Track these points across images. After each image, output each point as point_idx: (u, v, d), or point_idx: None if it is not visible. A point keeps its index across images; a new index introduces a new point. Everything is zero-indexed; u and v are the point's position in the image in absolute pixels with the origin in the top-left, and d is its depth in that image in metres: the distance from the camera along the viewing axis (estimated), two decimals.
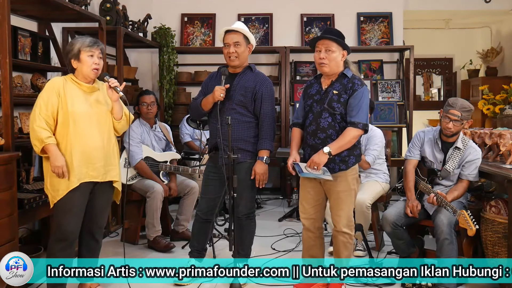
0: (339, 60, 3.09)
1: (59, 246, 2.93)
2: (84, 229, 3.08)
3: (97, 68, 3.00)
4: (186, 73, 6.57)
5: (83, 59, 2.96)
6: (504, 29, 7.95)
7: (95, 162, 2.98)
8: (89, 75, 3.00)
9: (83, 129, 2.95)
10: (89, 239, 3.14)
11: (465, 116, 3.38)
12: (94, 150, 2.98)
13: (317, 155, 3.01)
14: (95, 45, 3.00)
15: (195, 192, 4.45)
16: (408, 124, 6.38)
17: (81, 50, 2.96)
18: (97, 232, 3.16)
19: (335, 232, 3.19)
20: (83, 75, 3.00)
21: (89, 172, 2.97)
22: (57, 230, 2.94)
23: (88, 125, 2.97)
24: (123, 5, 5.40)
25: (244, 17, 6.64)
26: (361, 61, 6.65)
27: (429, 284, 3.27)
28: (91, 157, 2.97)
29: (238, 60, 3.36)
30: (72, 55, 2.97)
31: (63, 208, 2.91)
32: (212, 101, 3.36)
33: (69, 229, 2.93)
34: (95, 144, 2.99)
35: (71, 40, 3.14)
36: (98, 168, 3.00)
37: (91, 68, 2.97)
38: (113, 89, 3.02)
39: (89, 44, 2.98)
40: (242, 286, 3.30)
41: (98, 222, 3.14)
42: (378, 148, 4.12)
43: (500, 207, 3.31)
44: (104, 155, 3.03)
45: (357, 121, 3.02)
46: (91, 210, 3.08)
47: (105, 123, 3.06)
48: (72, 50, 2.97)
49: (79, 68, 2.98)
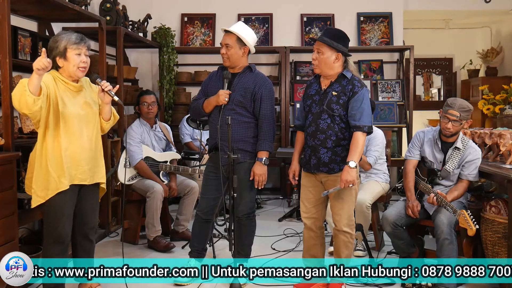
0: (330, 62, 3.06)
1: (57, 250, 2.90)
2: (77, 231, 3.04)
3: (84, 66, 2.87)
4: (186, 73, 6.57)
5: (69, 57, 2.82)
6: (504, 29, 7.95)
7: (83, 165, 2.93)
8: (76, 74, 2.87)
9: (73, 131, 2.87)
10: (82, 240, 3.10)
11: (464, 116, 3.38)
12: (83, 152, 2.92)
13: (347, 174, 2.97)
14: (82, 42, 2.85)
15: (195, 192, 4.45)
16: (408, 124, 6.38)
17: (67, 47, 2.81)
18: (90, 233, 3.12)
19: (336, 231, 3.19)
20: (69, 73, 2.86)
21: (78, 175, 2.91)
22: (52, 234, 2.89)
23: (78, 127, 2.90)
24: (123, 5, 5.40)
25: (244, 17, 6.64)
26: (361, 61, 6.66)
27: (429, 284, 3.27)
28: (80, 159, 2.91)
29: (229, 61, 3.36)
30: (58, 53, 2.81)
31: (56, 211, 2.86)
32: (215, 104, 3.36)
33: (64, 232, 2.90)
34: (84, 146, 2.92)
35: (54, 36, 2.90)
36: (85, 171, 2.95)
37: (78, 66, 2.84)
38: (106, 93, 2.92)
39: (75, 41, 2.82)
40: (242, 286, 3.30)
41: (90, 223, 3.10)
42: (379, 149, 4.12)
43: (500, 207, 3.31)
44: (91, 157, 2.98)
45: (362, 124, 3.02)
46: (81, 212, 3.03)
47: (93, 124, 3.00)
48: (57, 47, 2.81)
49: (65, 66, 2.84)
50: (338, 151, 3.10)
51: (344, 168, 3.00)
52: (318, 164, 3.13)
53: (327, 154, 3.10)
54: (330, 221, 3.61)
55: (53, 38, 2.89)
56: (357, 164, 3.02)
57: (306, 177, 3.26)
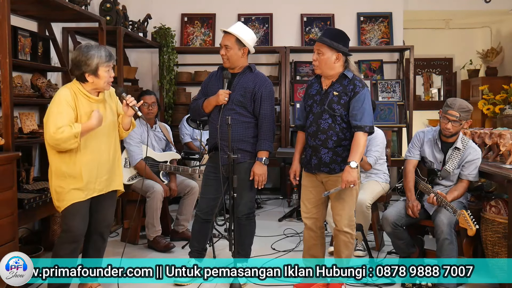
0: (330, 62, 3.06)
1: (70, 248, 2.92)
2: (93, 228, 3.08)
3: (111, 81, 2.97)
4: (186, 73, 6.57)
5: (101, 75, 2.87)
6: (504, 29, 7.95)
7: (101, 176, 2.98)
8: (104, 89, 2.96)
9: (93, 144, 2.92)
10: (97, 238, 3.14)
11: (463, 116, 3.38)
12: (102, 164, 2.98)
13: (347, 174, 2.97)
14: (111, 59, 2.92)
15: (195, 192, 4.45)
16: (408, 124, 6.38)
17: (99, 66, 2.85)
18: (106, 231, 3.18)
19: (336, 231, 3.19)
20: (97, 88, 2.93)
21: (96, 187, 2.97)
22: (66, 233, 2.91)
23: (98, 140, 2.95)
24: (123, 5, 5.40)
25: (244, 17, 6.64)
26: (361, 61, 6.66)
27: (429, 284, 3.27)
28: (99, 171, 2.96)
29: (229, 62, 3.36)
30: (89, 70, 2.84)
31: (71, 212, 2.89)
32: (215, 104, 3.36)
33: (79, 232, 2.94)
34: (103, 159, 2.98)
35: (83, 50, 2.88)
36: (103, 182, 3.00)
37: (107, 82, 2.92)
38: (130, 107, 3.02)
39: (106, 59, 2.88)
40: (242, 286, 3.30)
41: (107, 220, 3.15)
42: (379, 149, 4.12)
43: (500, 207, 3.31)
44: (110, 168, 3.04)
45: (364, 124, 3.01)
46: (99, 210, 3.07)
47: (112, 135, 3.07)
48: (89, 65, 2.83)
49: (95, 82, 2.88)
50: (339, 151, 3.10)
51: (345, 169, 3.00)
52: (319, 164, 3.13)
53: (328, 155, 3.09)
54: (330, 221, 3.61)
55: (82, 53, 2.86)
56: (358, 164, 3.02)
57: (307, 177, 3.26)
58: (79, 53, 2.86)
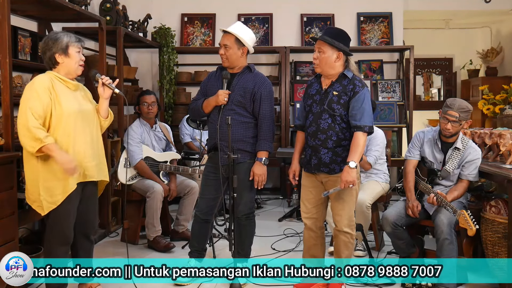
0: (331, 61, 3.06)
1: (63, 250, 2.93)
2: (78, 231, 3.04)
3: (83, 64, 2.98)
4: (186, 73, 6.57)
5: (72, 54, 2.91)
6: (504, 29, 7.95)
7: (90, 160, 2.97)
8: (76, 71, 2.96)
9: (76, 129, 2.91)
10: (83, 240, 3.11)
11: (463, 116, 3.38)
12: (87, 149, 2.96)
13: (347, 174, 2.96)
14: (81, 41, 2.98)
15: (195, 192, 4.45)
16: (408, 124, 6.38)
17: (69, 45, 2.90)
18: (91, 232, 3.15)
19: (336, 231, 3.19)
20: (69, 71, 2.93)
21: (85, 172, 2.95)
22: (59, 235, 2.91)
23: (80, 124, 2.93)
24: (123, 5, 5.40)
25: (244, 17, 6.64)
26: (361, 61, 6.66)
27: (429, 284, 3.27)
28: (85, 156, 2.94)
29: (228, 62, 3.36)
30: (59, 49, 2.88)
31: (63, 213, 2.88)
32: (214, 104, 3.36)
33: (70, 233, 2.94)
34: (87, 144, 2.97)
35: (51, 34, 2.98)
36: (92, 167, 2.99)
37: (78, 64, 2.94)
38: (106, 86, 3.02)
39: (75, 39, 2.94)
40: (242, 286, 3.30)
41: (92, 222, 3.13)
42: (379, 149, 4.12)
43: (500, 207, 3.31)
44: (95, 154, 3.02)
45: (363, 124, 3.01)
46: (84, 212, 3.04)
47: (93, 122, 3.05)
48: (59, 44, 2.87)
49: (65, 63, 2.91)
50: (338, 151, 3.09)
51: (344, 169, 2.99)
52: (319, 165, 3.12)
53: (328, 155, 3.09)
54: (330, 221, 3.61)
55: (50, 37, 2.94)
56: (358, 164, 3.02)
57: (307, 177, 3.26)
58: (47, 38, 2.95)
